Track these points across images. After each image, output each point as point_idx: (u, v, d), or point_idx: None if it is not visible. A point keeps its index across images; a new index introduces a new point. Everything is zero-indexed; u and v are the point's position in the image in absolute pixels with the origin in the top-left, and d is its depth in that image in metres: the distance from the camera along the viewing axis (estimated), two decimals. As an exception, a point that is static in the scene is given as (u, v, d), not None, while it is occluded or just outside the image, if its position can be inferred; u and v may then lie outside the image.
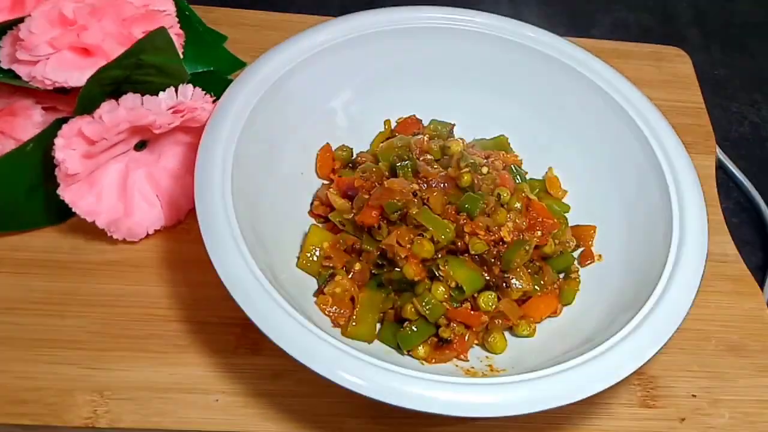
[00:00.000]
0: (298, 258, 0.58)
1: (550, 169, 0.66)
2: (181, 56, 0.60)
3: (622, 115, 0.62)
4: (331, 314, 0.55)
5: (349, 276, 0.56)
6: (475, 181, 0.58)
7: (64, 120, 0.56)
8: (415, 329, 0.54)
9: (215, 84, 0.60)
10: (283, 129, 0.61)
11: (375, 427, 0.53)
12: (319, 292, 0.56)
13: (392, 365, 0.47)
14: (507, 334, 0.57)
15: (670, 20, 0.95)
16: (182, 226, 0.61)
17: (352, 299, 0.56)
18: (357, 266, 0.56)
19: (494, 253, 0.56)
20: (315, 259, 0.57)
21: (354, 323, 0.54)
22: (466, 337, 0.55)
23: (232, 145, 0.55)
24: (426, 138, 0.62)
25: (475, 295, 0.55)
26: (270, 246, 0.55)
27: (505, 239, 0.56)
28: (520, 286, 0.56)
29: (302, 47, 0.62)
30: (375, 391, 0.46)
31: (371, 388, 0.46)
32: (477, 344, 0.56)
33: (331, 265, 0.57)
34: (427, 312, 0.54)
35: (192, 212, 0.61)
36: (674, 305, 0.51)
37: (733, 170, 0.78)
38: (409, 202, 0.55)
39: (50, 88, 0.57)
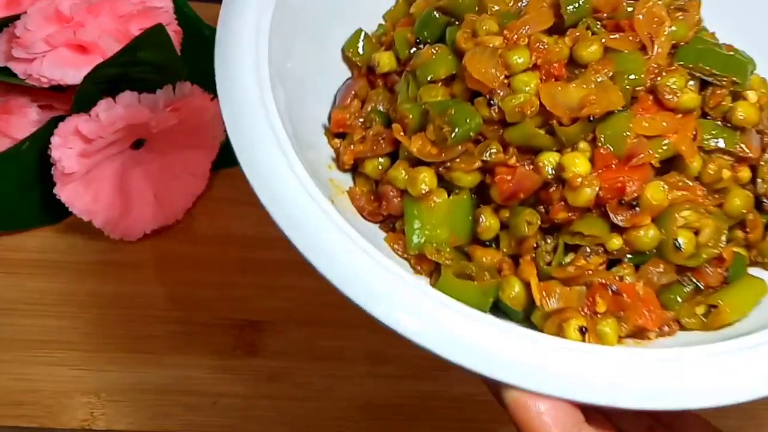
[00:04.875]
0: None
1: None
2: (179, 53, 0.59)
3: None
4: (410, 258, 0.40)
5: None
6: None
7: (61, 118, 0.55)
8: None
9: (213, 81, 0.60)
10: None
11: (373, 430, 0.53)
12: (391, 228, 0.42)
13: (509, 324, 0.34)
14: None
15: None
16: (180, 226, 0.61)
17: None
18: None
19: None
20: None
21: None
22: None
23: (267, 15, 0.41)
24: None
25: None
26: (321, 163, 0.42)
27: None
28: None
29: None
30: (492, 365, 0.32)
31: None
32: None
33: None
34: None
35: (189, 211, 0.60)
36: None
37: None
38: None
39: (46, 85, 0.56)
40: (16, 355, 0.53)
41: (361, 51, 0.46)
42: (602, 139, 0.37)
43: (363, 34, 0.46)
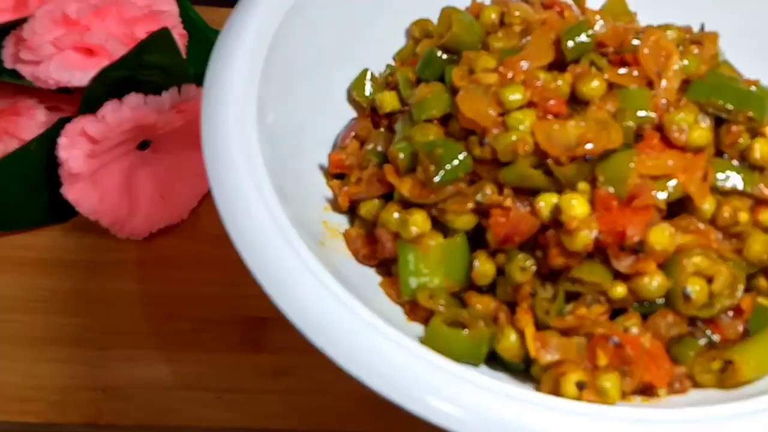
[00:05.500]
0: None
1: None
2: (184, 56, 0.60)
3: None
4: (404, 304, 0.39)
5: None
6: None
7: (68, 119, 0.56)
8: None
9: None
10: (338, 40, 0.45)
11: (378, 425, 0.53)
12: (386, 272, 0.41)
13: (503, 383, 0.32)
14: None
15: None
16: (185, 225, 0.61)
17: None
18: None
19: None
20: None
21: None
22: None
23: (260, 58, 0.39)
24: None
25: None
26: (314, 206, 0.41)
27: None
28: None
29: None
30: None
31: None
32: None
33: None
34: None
35: (195, 210, 0.61)
36: None
37: None
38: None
39: (53, 88, 0.57)
40: (22, 351, 0.54)
41: (368, 92, 0.45)
42: (601, 180, 0.35)
43: (369, 74, 0.46)
